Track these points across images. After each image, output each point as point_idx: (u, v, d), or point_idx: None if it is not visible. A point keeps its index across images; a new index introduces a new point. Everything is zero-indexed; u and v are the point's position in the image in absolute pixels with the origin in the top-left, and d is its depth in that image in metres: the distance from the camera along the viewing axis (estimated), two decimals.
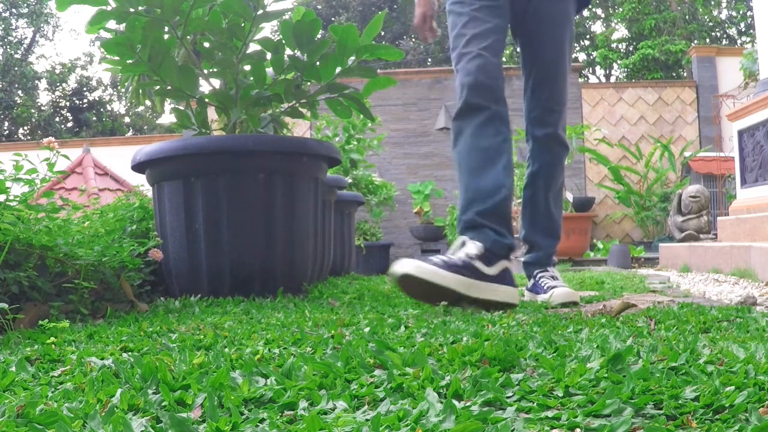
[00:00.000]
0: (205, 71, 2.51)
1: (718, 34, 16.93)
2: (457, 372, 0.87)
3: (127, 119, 20.48)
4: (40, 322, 1.47)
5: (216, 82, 2.57)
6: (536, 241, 2.35)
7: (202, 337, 1.29)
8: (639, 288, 2.86)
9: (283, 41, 2.35)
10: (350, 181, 6.20)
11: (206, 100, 2.52)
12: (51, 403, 0.76)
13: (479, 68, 2.03)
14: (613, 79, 17.40)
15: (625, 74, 15.44)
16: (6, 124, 19.13)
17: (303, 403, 0.74)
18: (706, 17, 16.25)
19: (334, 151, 2.51)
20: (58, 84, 19.19)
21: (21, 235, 1.71)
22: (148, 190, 2.73)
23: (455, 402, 0.71)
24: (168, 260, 2.33)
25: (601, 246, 7.88)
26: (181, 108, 2.59)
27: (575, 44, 18.44)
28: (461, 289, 1.77)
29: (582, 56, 18.53)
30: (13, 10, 19.03)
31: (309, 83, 2.56)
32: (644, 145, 9.12)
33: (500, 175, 1.99)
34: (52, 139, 2.08)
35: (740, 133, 5.01)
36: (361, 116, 3.06)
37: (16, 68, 18.48)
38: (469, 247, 1.88)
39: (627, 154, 8.98)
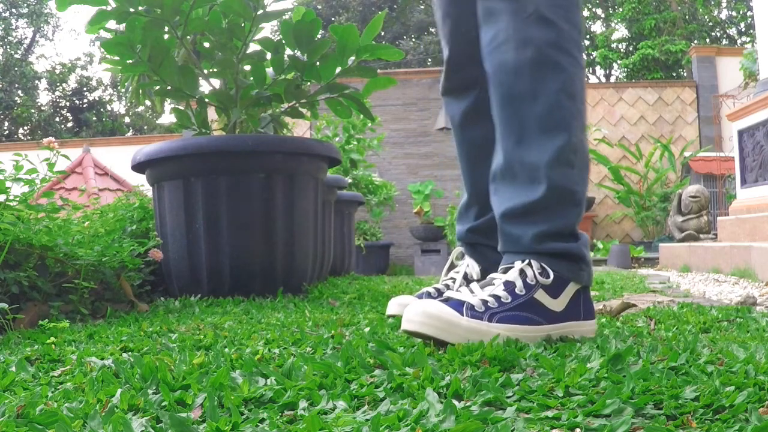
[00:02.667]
0: (205, 71, 2.51)
1: (718, 34, 16.93)
2: (457, 372, 0.87)
3: (127, 119, 20.47)
4: (40, 322, 1.47)
5: (216, 82, 2.57)
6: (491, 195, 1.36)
7: (202, 337, 1.29)
8: (639, 288, 2.86)
9: (283, 41, 2.35)
10: (350, 181, 6.20)
11: (206, 100, 2.52)
12: (51, 403, 0.76)
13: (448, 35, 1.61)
14: (613, 79, 17.39)
15: (625, 74, 15.43)
16: (6, 124, 19.13)
17: (303, 403, 0.74)
18: (706, 17, 16.25)
19: (334, 151, 2.51)
20: (58, 84, 19.19)
21: (21, 235, 1.71)
22: (148, 190, 2.73)
23: (455, 402, 0.71)
24: (168, 260, 2.33)
25: (601, 246, 7.88)
26: (181, 108, 2.59)
27: None
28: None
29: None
30: (13, 10, 19.03)
31: (309, 83, 2.56)
32: (644, 145, 9.12)
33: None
34: (52, 139, 2.08)
35: (740, 133, 5.01)
36: (361, 116, 3.06)
37: (16, 68, 18.48)
38: (469, 267, 1.63)
39: (627, 154, 8.98)
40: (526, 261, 1.19)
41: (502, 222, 1.25)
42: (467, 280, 1.60)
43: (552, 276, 1.18)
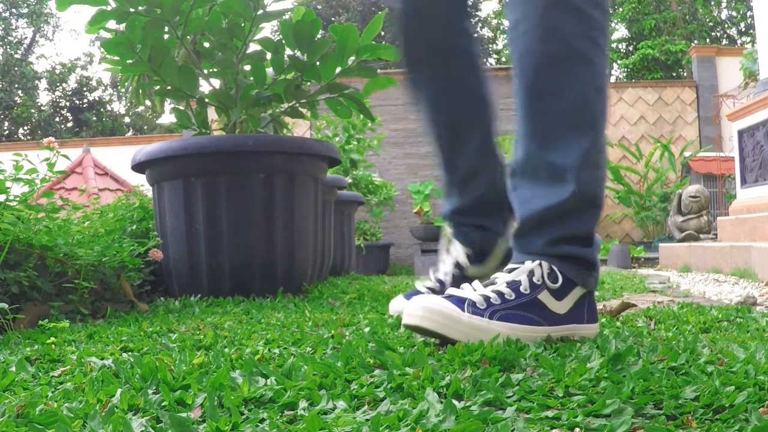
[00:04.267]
0: (205, 71, 2.51)
1: (718, 34, 16.93)
2: (457, 372, 0.87)
3: (127, 119, 20.48)
4: (40, 322, 1.46)
5: (216, 82, 2.57)
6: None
7: (202, 337, 1.29)
8: (639, 288, 2.86)
9: (283, 41, 2.35)
10: (350, 181, 6.20)
11: (206, 100, 2.52)
12: (51, 403, 0.76)
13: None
14: (613, 79, 17.37)
15: (625, 74, 15.43)
16: (6, 124, 19.14)
17: (303, 403, 0.74)
18: (706, 17, 16.25)
19: (334, 151, 2.51)
20: (58, 84, 19.20)
21: (21, 235, 1.71)
22: (148, 190, 2.73)
23: (455, 402, 0.71)
24: (168, 260, 2.33)
25: (601, 246, 7.89)
26: (181, 108, 2.59)
27: None
28: None
29: None
30: (13, 10, 19.04)
31: (309, 83, 2.56)
32: (644, 145, 9.12)
33: (474, 157, 1.48)
34: (52, 139, 2.08)
35: (740, 133, 5.02)
36: (361, 116, 3.06)
37: (16, 68, 18.49)
38: (458, 253, 1.55)
39: (627, 154, 8.98)
40: (537, 262, 1.15)
41: (522, 223, 1.21)
42: (458, 266, 1.52)
43: (561, 281, 1.15)
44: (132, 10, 2.19)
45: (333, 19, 17.93)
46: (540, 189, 1.18)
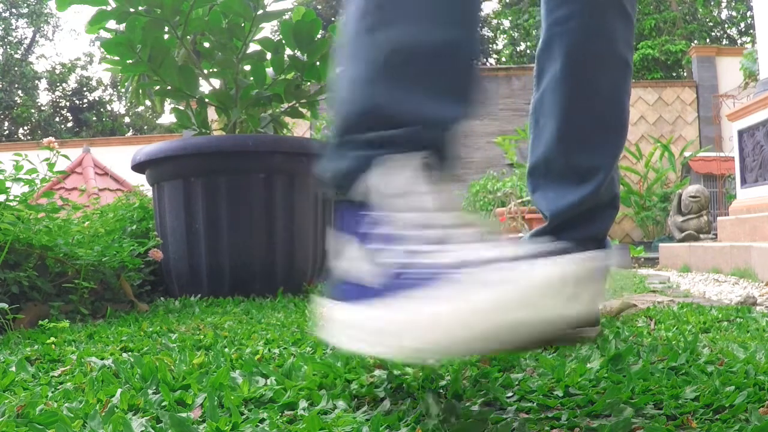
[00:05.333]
0: (205, 71, 2.51)
1: (718, 34, 16.93)
2: (457, 372, 0.87)
3: (127, 119, 20.48)
4: (40, 322, 1.46)
5: (216, 82, 2.57)
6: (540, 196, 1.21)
7: (202, 337, 1.29)
8: (639, 288, 2.86)
9: (283, 41, 2.36)
10: None
11: (206, 100, 2.52)
12: (51, 403, 0.76)
13: None
14: None
15: None
16: (6, 124, 19.14)
17: (303, 403, 0.74)
18: (706, 17, 16.25)
19: None
20: (58, 84, 19.20)
21: (21, 235, 1.71)
22: (148, 190, 2.73)
23: (455, 402, 0.71)
24: (168, 260, 2.33)
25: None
26: (181, 108, 2.59)
27: None
28: None
29: None
30: (13, 10, 19.05)
31: (309, 83, 2.56)
32: (644, 145, 9.12)
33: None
34: (52, 139, 2.08)
35: (740, 133, 5.02)
36: None
37: (16, 68, 18.50)
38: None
39: (627, 154, 8.97)
40: None
41: (549, 221, 1.18)
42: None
43: None
44: (132, 10, 2.19)
45: (333, 19, 17.95)
46: (565, 189, 1.16)
